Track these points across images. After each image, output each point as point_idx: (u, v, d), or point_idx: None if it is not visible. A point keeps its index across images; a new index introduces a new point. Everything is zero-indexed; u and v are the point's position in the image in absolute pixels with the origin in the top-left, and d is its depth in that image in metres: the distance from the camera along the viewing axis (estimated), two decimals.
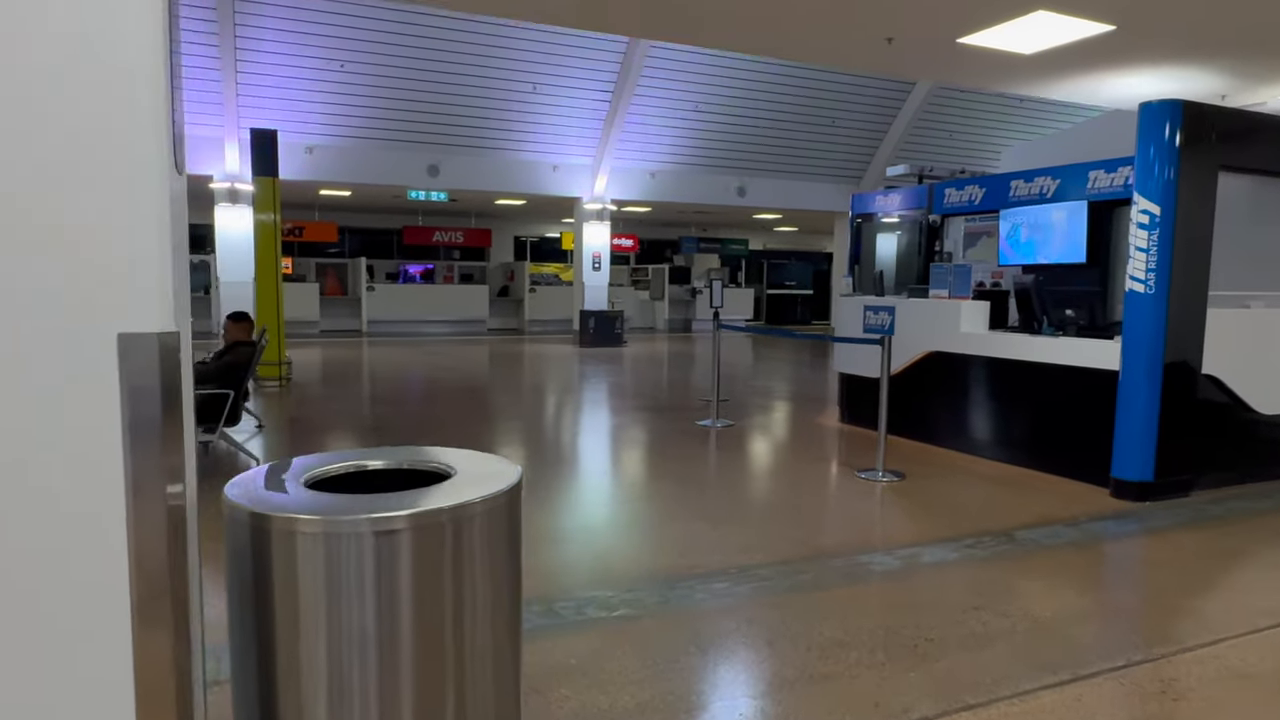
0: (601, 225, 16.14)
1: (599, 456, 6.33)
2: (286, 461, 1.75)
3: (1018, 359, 5.82)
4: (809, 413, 8.42)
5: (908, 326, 6.69)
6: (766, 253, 26.22)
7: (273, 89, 12.89)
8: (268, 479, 1.64)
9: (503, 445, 6.47)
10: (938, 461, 5.99)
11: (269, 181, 9.24)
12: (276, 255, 9.34)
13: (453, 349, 14.96)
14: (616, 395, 9.72)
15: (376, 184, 14.57)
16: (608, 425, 7.65)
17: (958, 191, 8.27)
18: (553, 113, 14.56)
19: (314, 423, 7.61)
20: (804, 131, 16.51)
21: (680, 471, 5.62)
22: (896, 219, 9.33)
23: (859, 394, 7.36)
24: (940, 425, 6.51)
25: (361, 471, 1.76)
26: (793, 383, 11.31)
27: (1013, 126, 17.41)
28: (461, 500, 1.51)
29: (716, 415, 7.34)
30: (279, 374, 9.44)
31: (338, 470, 1.72)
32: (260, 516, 1.44)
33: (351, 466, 1.75)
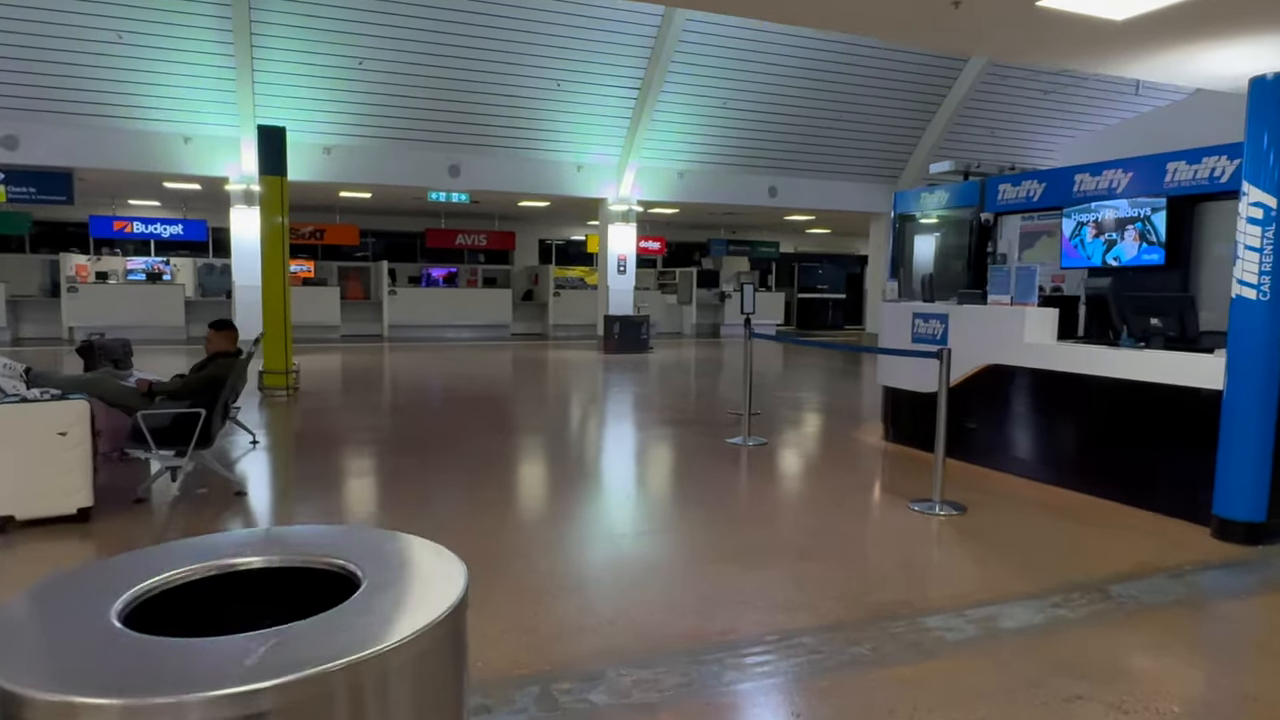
0: (627, 227, 15.56)
1: (618, 480, 5.72)
2: (107, 565, 1.16)
3: (1093, 374, 5.12)
4: (848, 428, 7.75)
5: (962, 336, 6.01)
6: (798, 255, 25.48)
7: (289, 87, 12.48)
8: (63, 600, 1.05)
9: (511, 465, 5.89)
10: (1000, 490, 5.30)
11: (276, 181, 8.77)
12: (284, 258, 8.87)
13: (473, 354, 14.46)
14: (640, 407, 9.11)
15: (396, 185, 14.12)
16: (629, 442, 7.04)
17: (1014, 187, 7.56)
18: (576, 110, 14.01)
19: (315, 437, 7.10)
20: (838, 129, 15.80)
21: (708, 499, 5.00)
22: (944, 218, 8.63)
23: (906, 410, 6.68)
24: (1000, 447, 5.82)
25: (226, 575, 1.17)
26: (828, 393, 10.62)
27: (1058, 122, 16.53)
28: (369, 651, 0.91)
29: (748, 432, 6.70)
30: (286, 383, 8.96)
31: (184, 578, 1.13)
32: (7, 697, 0.85)
33: (210, 569, 1.16)
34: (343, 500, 5.02)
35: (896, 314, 6.72)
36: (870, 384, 10.88)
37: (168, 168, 12.70)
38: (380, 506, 4.87)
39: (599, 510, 4.87)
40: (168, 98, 12.09)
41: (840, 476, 5.77)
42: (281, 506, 4.80)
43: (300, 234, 18.25)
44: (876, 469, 6.11)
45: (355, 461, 6.05)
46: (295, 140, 13.06)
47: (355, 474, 5.63)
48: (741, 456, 6.26)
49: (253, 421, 7.40)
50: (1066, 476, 5.28)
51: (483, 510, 4.68)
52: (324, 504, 4.84)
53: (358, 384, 10.90)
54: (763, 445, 6.58)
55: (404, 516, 4.62)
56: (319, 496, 5.02)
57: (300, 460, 6.12)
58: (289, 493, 5.19)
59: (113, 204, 17.34)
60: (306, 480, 5.51)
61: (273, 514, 4.63)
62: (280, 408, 8.34)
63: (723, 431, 7.15)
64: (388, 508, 4.83)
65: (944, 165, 9.02)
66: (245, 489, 4.78)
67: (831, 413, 8.88)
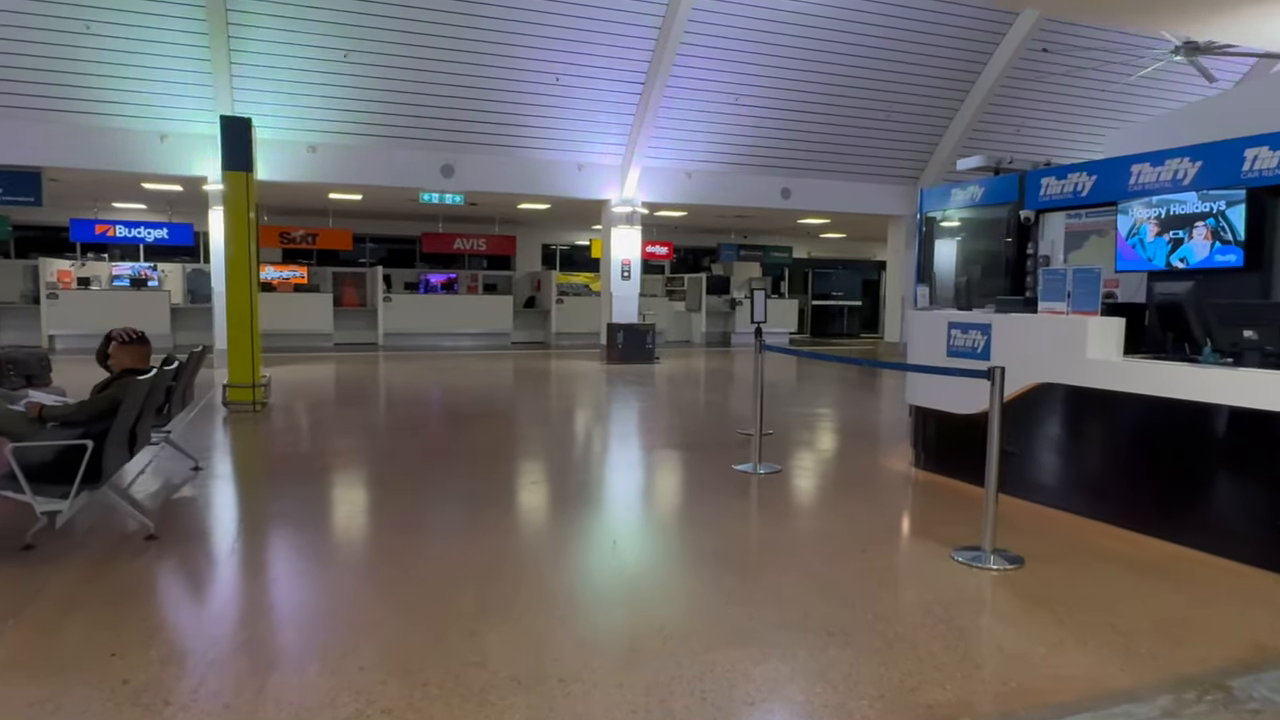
0: (631, 230, 14.76)
1: (606, 522, 4.89)
2: None
3: (1174, 397, 4.26)
4: (871, 453, 6.90)
5: (1008, 350, 5.16)
6: (811, 261, 24.61)
7: (270, 81, 11.77)
8: None
9: (480, 506, 5.08)
10: (1059, 534, 4.44)
11: (241, 178, 8.01)
12: (250, 261, 8.11)
13: (470, 365, 13.68)
14: (641, 427, 8.29)
15: (385, 185, 13.38)
16: (626, 473, 6.21)
17: (1058, 181, 6.72)
18: (577, 106, 13.24)
19: (270, 462, 6.31)
20: (856, 127, 14.97)
21: (711, 548, 4.17)
22: (977, 217, 7.78)
23: (940, 434, 5.83)
24: (1055, 480, 4.96)
25: None
26: (846, 410, 9.76)
27: (1090, 117, 15.64)
28: None
29: (759, 457, 5.86)
30: (252, 397, 8.18)
31: None
32: None
33: None
34: (274, 552, 4.22)
35: (929, 324, 5.88)
36: (891, 399, 10.03)
37: (144, 167, 12.00)
38: (317, 562, 4.06)
39: (577, 566, 4.05)
40: (141, 92, 11.40)
41: (866, 515, 4.92)
42: (199, 556, 4.00)
43: (292, 238, 17.57)
44: (907, 505, 5.26)
45: (306, 498, 5.26)
46: (278, 138, 12.40)
47: (300, 516, 4.83)
48: (751, 488, 5.43)
49: (205, 442, 6.63)
50: (1142, 519, 4.42)
51: (426, 578, 3.88)
52: (252, 557, 4.03)
53: (337, 398, 10.12)
54: (775, 474, 5.74)
55: (341, 579, 3.82)
56: (249, 545, 4.22)
57: (244, 492, 5.32)
58: (213, 536, 4.38)
59: (95, 207, 16.68)
60: (243, 520, 4.71)
61: (186, 565, 3.83)
62: (243, 425, 7.57)
63: (731, 456, 6.32)
64: (322, 566, 4.03)
65: (973, 160, 8.18)
66: (154, 531, 3.99)
67: (851, 433, 8.03)
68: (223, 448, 6.62)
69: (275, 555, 4.09)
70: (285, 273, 18.44)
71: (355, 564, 3.95)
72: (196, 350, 5.84)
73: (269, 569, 3.90)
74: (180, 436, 6.59)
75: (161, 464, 5.62)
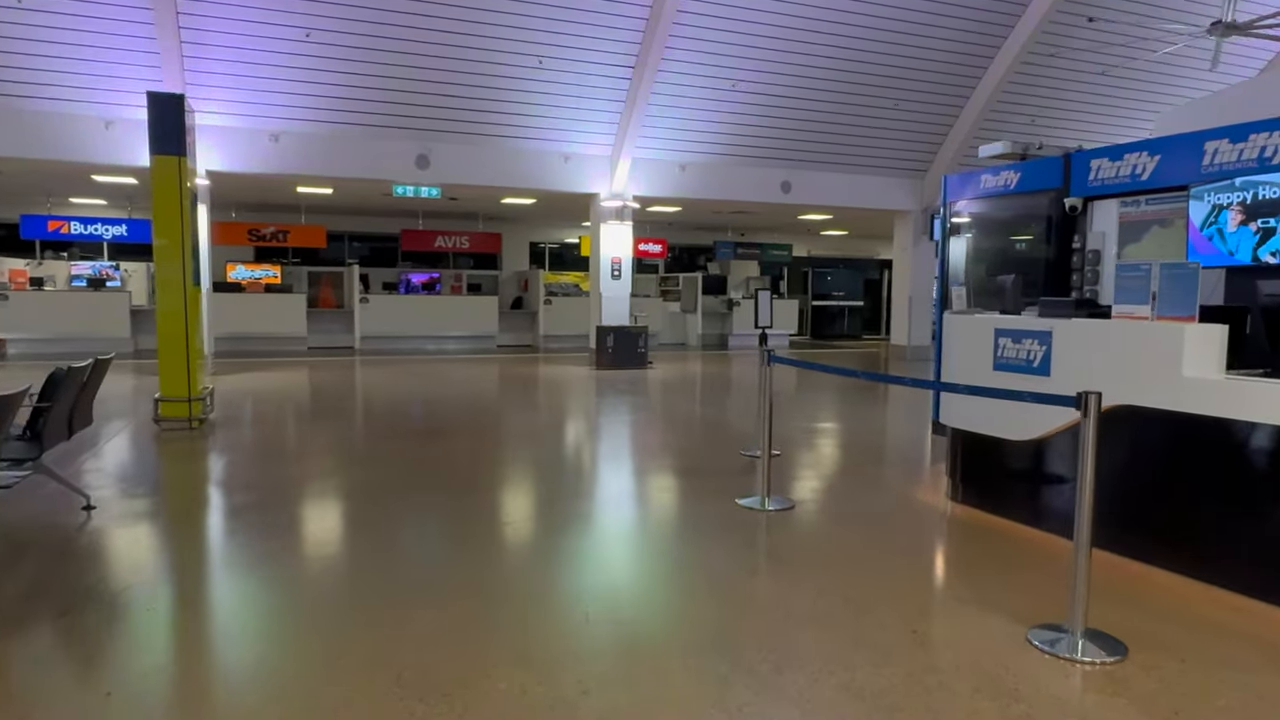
0: (622, 226, 13.78)
1: (582, 583, 3.91)
2: None
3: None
4: (896, 481, 5.93)
5: (1074, 364, 4.21)
6: (811, 260, 23.67)
7: (225, 62, 10.76)
8: None
9: (430, 565, 4.10)
10: (1158, 603, 3.47)
11: (171, 163, 7.01)
12: (184, 257, 7.12)
13: (449, 371, 12.70)
14: (630, 447, 7.32)
15: (355, 178, 12.38)
16: (609, 510, 5.23)
17: (1113, 163, 5.75)
18: (563, 91, 12.26)
19: (189, 498, 5.32)
20: (860, 115, 14.01)
21: (711, 627, 3.20)
22: (1011, 206, 6.83)
23: (986, 462, 4.87)
24: (1141, 528, 3.98)
25: None
26: (856, 423, 8.81)
27: (1110, 106, 14.72)
28: None
29: (767, 490, 4.90)
30: (190, 413, 7.19)
31: None
32: None
33: None
34: (150, 638, 3.24)
35: (970, 331, 4.92)
36: (904, 410, 9.08)
37: (88, 156, 10.98)
38: (211, 657, 3.08)
39: (542, 662, 3.06)
40: (80, 74, 10.39)
41: (907, 573, 3.94)
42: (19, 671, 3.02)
43: (261, 235, 16.57)
44: (954, 556, 4.29)
45: (217, 546, 4.28)
46: (236, 125, 11.42)
47: (205, 582, 3.84)
48: (759, 533, 4.46)
49: (118, 470, 5.64)
50: (1268, 585, 3.46)
51: (360, 670, 2.91)
52: (123, 679, 3.05)
53: (294, 412, 9.13)
54: (788, 511, 4.78)
55: (253, 652, 2.85)
56: (122, 622, 3.24)
57: (133, 544, 4.33)
58: (77, 622, 3.40)
59: (48, 203, 15.64)
60: (123, 590, 3.72)
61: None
62: (173, 447, 6.58)
63: (733, 486, 5.36)
64: (220, 661, 3.05)
65: (996, 146, 7.22)
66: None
67: (867, 455, 7.05)
68: (136, 479, 5.62)
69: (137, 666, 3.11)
70: (256, 272, 17.46)
71: (271, 636, 2.98)
72: (102, 358, 4.86)
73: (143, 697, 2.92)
74: (83, 464, 5.61)
75: (35, 503, 4.63)
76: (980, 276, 6.96)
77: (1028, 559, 4.02)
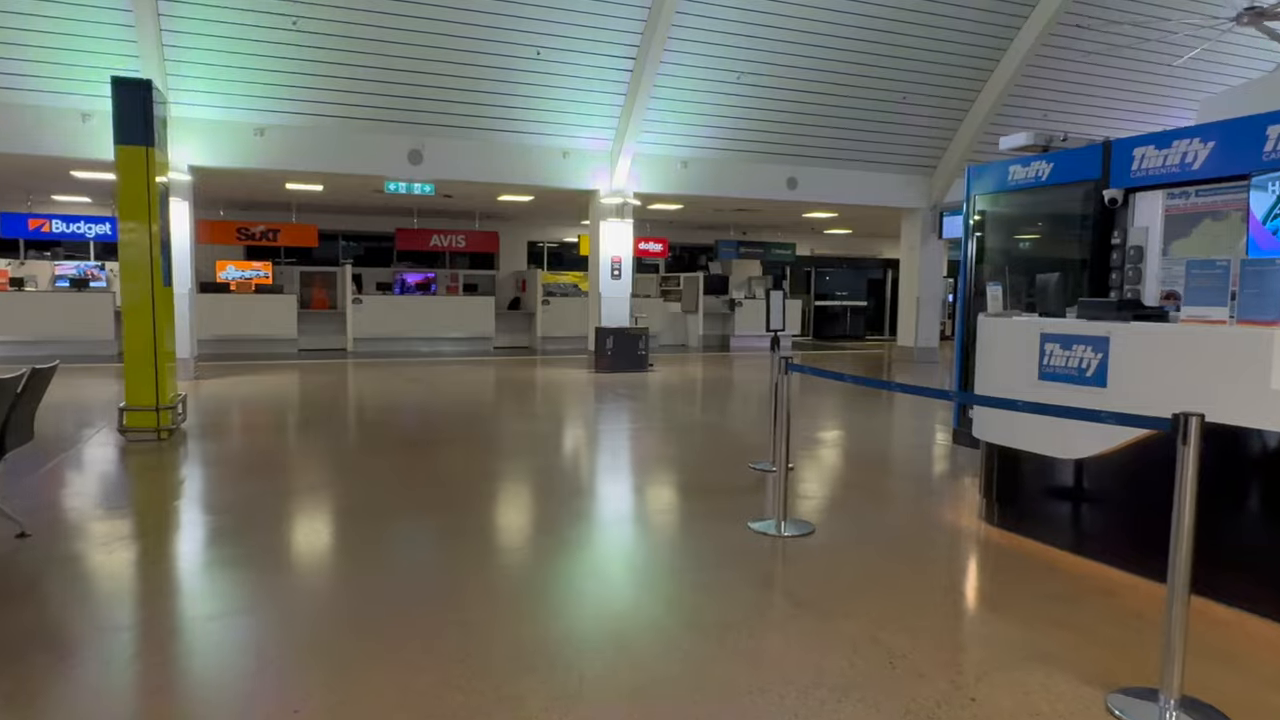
0: (622, 224, 13.29)
1: (574, 631, 3.43)
2: None
3: None
4: (920, 499, 5.44)
5: (1135, 374, 3.73)
6: (814, 259, 23.19)
7: (207, 52, 10.27)
8: None
9: (395, 607, 3.62)
10: (1268, 661, 2.98)
11: (138, 153, 6.53)
12: (152, 256, 6.63)
13: (443, 375, 12.21)
14: (629, 459, 6.83)
15: (344, 173, 11.89)
16: (605, 536, 4.74)
17: (1159, 151, 5.28)
18: (561, 84, 11.78)
19: (143, 525, 4.83)
20: (869, 110, 13.52)
21: (730, 691, 2.71)
22: (1042, 199, 6.35)
23: (1030, 482, 4.39)
24: (1235, 567, 3.48)
25: None
26: (865, 430, 8.32)
27: (1131, 99, 14.23)
28: None
29: (783, 512, 4.41)
30: (156, 422, 6.70)
31: None
32: None
33: None
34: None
35: (1011, 335, 4.43)
36: (918, 415, 8.59)
37: (66, 151, 10.49)
38: None
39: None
40: (55, 63, 9.89)
41: (948, 618, 3.45)
42: None
43: (251, 234, 16.08)
44: (1001, 594, 3.78)
45: (167, 585, 3.80)
46: (219, 119, 10.95)
47: (157, 635, 3.36)
48: (776, 564, 3.98)
49: (69, 488, 5.16)
50: None
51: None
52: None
53: (274, 420, 8.64)
54: (806, 537, 4.29)
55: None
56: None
57: (68, 581, 3.84)
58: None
59: (29, 200, 15.15)
60: (52, 636, 3.24)
61: None
62: (137, 461, 6.10)
63: (743, 506, 4.88)
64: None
65: (1018, 138, 6.76)
66: None
67: (886, 468, 6.55)
68: (88, 498, 5.14)
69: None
70: (247, 272, 16.99)
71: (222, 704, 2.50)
72: (41, 368, 4.38)
73: None
74: (27, 483, 5.13)
75: None
76: (1007, 275, 6.48)
77: (1085, 597, 3.53)
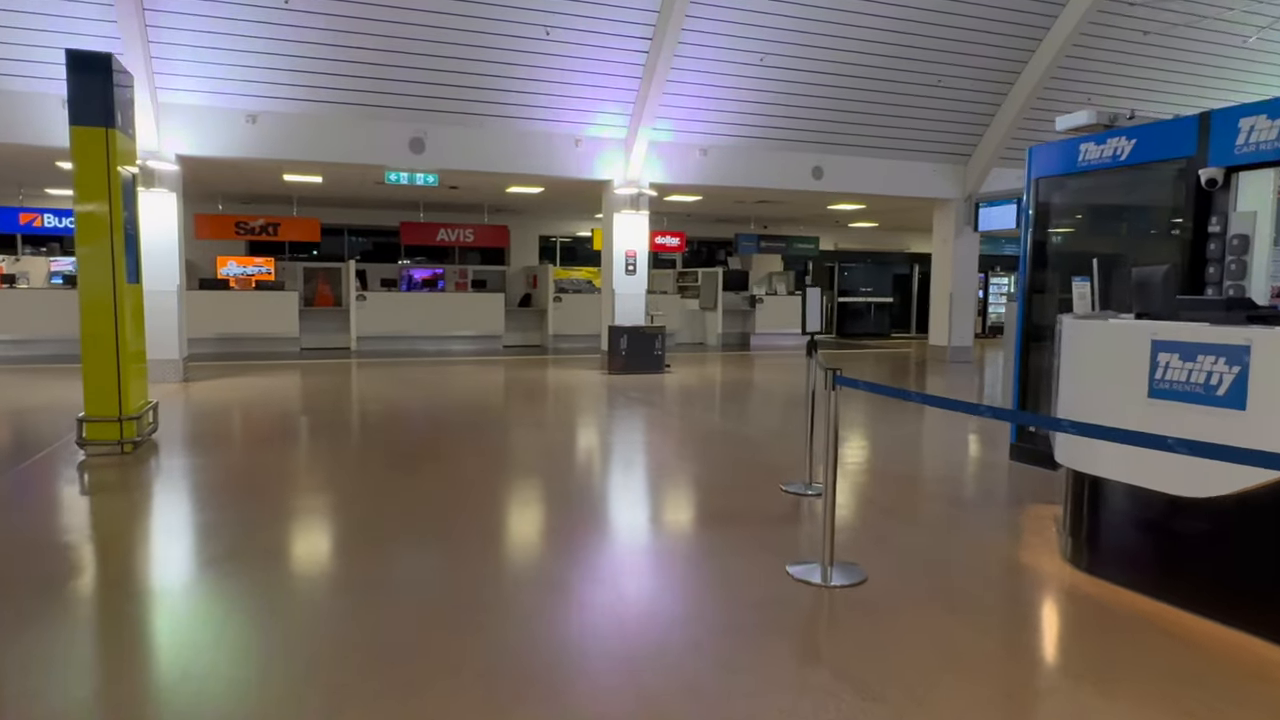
0: (637, 216, 12.53)
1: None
2: None
3: None
4: (986, 532, 4.65)
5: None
6: (837, 254, 22.32)
7: (194, 33, 9.61)
8: None
9: (380, 659, 2.89)
10: None
11: (97, 135, 5.85)
12: (112, 249, 5.96)
13: (447, 376, 11.52)
14: (644, 479, 6.09)
15: (342, 162, 11.19)
16: (614, 586, 3.99)
17: (1271, 122, 4.46)
18: (572, 66, 11.03)
19: (79, 562, 4.14)
20: (900, 95, 12.68)
21: None
22: (1121, 181, 5.54)
23: (1137, 523, 3.59)
24: None
25: None
26: (904, 441, 7.52)
27: (1194, 80, 13.29)
28: None
29: (829, 555, 3.65)
30: (119, 434, 6.03)
31: None
32: None
33: None
34: None
35: (1112, 342, 3.64)
36: (952, 421, 7.77)
37: (47, 140, 9.84)
38: None
39: None
40: (32, 45, 9.27)
41: (1053, 706, 2.69)
42: None
43: (250, 228, 15.46)
44: (1107, 668, 3.00)
45: (99, 649, 3.10)
46: (210, 105, 10.30)
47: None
48: (823, 628, 3.23)
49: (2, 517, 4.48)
50: None
51: None
52: None
53: (255, 430, 7.96)
54: (858, 588, 3.53)
55: None
56: None
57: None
58: None
59: (20, 194, 14.59)
60: None
61: None
62: (95, 478, 5.43)
63: (776, 539, 4.14)
64: None
65: (1078, 116, 5.94)
66: None
67: (934, 489, 5.75)
68: (19, 529, 4.46)
69: None
70: (248, 268, 16.39)
71: None
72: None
73: None
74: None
75: None
76: (1096, 269, 5.68)
77: (1223, 679, 2.76)
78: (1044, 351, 5.95)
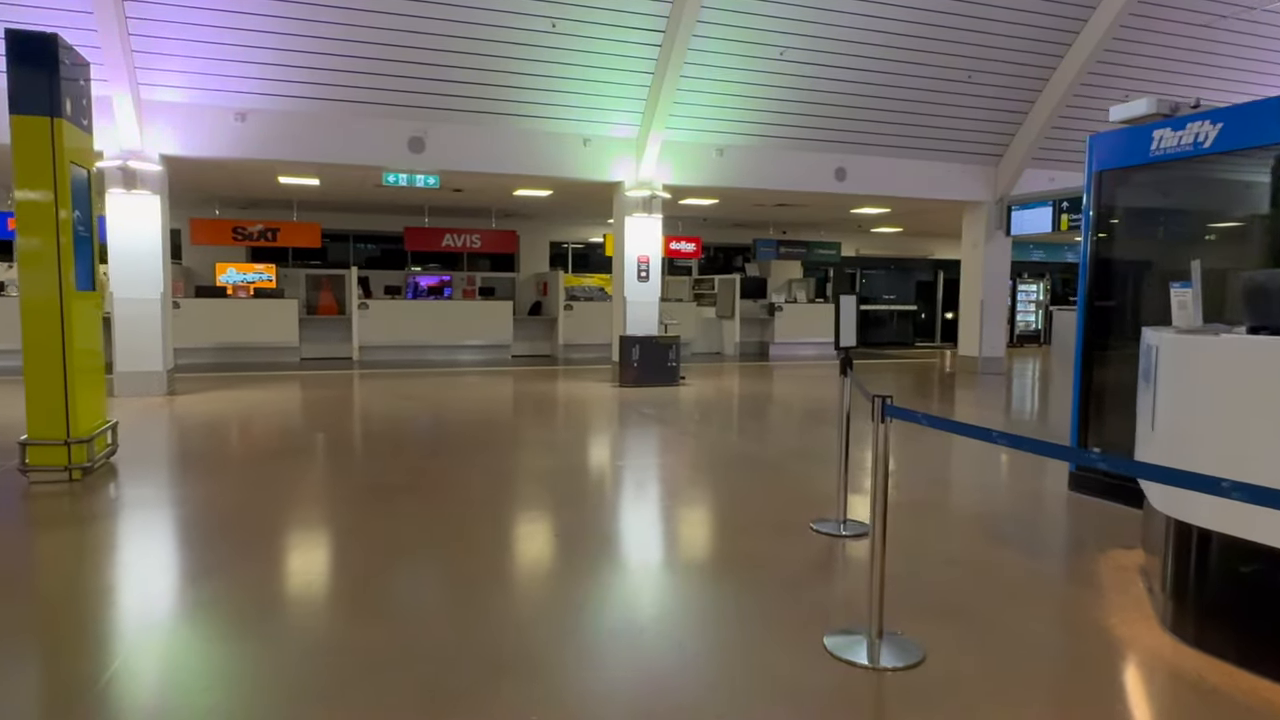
0: (650, 220, 11.86)
1: None
2: None
3: None
4: (1063, 590, 3.91)
5: None
6: (859, 260, 21.57)
7: (178, 25, 9.05)
8: None
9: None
10: None
11: (40, 124, 5.26)
12: (58, 254, 5.35)
13: (449, 389, 10.88)
14: (655, 514, 5.39)
15: (337, 162, 10.59)
16: (604, 657, 3.31)
17: None
18: (580, 61, 10.40)
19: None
20: (928, 92, 11.96)
21: None
22: (1202, 171, 4.82)
23: (1262, 588, 2.86)
24: None
25: None
26: (952, 470, 6.78)
27: (1251, 73, 12.49)
28: None
29: (877, 626, 2.94)
30: (66, 459, 5.41)
31: None
32: None
33: None
34: None
35: (1239, 367, 2.92)
36: (993, 446, 6.99)
37: None
38: None
39: None
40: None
41: None
42: None
43: (248, 233, 14.93)
44: None
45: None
46: (196, 102, 9.73)
47: None
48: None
49: None
50: None
51: None
52: None
53: (238, 449, 7.32)
54: (915, 669, 2.82)
55: None
56: None
57: None
58: None
59: (9, 199, 14.10)
60: None
61: None
62: (34, 510, 4.80)
63: (810, 595, 3.45)
64: None
65: (1137, 106, 5.27)
66: None
67: (994, 534, 4.95)
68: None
69: None
70: (248, 275, 15.87)
71: None
72: None
73: None
74: None
75: None
76: (1199, 272, 4.96)
77: None
78: (1109, 369, 5.23)
